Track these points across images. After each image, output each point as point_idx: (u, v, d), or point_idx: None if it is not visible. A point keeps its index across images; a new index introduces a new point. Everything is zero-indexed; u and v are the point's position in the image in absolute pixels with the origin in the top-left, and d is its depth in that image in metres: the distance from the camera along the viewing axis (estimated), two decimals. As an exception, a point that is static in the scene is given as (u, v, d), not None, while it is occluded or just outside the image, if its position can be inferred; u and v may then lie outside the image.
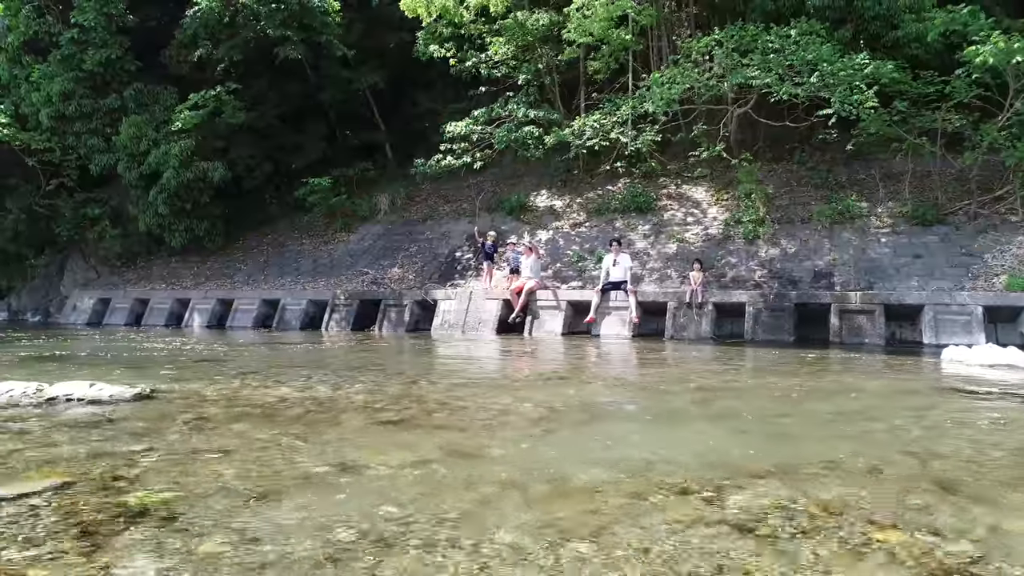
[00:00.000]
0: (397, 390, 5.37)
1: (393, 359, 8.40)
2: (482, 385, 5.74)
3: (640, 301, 11.89)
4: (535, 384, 5.95)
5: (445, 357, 8.96)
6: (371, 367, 7.22)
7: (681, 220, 14.82)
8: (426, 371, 6.86)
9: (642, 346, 10.28)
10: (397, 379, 6.11)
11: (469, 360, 8.53)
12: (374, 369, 7.01)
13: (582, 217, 15.85)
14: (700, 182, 15.97)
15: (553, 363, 8.09)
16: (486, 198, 17.73)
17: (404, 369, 7.01)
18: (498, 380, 6.17)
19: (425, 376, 6.39)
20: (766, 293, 11.33)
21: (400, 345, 10.54)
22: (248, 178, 18.84)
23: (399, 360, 8.33)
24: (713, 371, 6.96)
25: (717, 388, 5.66)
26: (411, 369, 7.00)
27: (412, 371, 6.79)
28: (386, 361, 8.08)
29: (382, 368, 7.12)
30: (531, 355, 9.30)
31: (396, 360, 8.30)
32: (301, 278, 16.40)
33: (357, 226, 18.13)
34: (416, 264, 15.73)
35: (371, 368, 7.12)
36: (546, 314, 12.46)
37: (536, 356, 9.12)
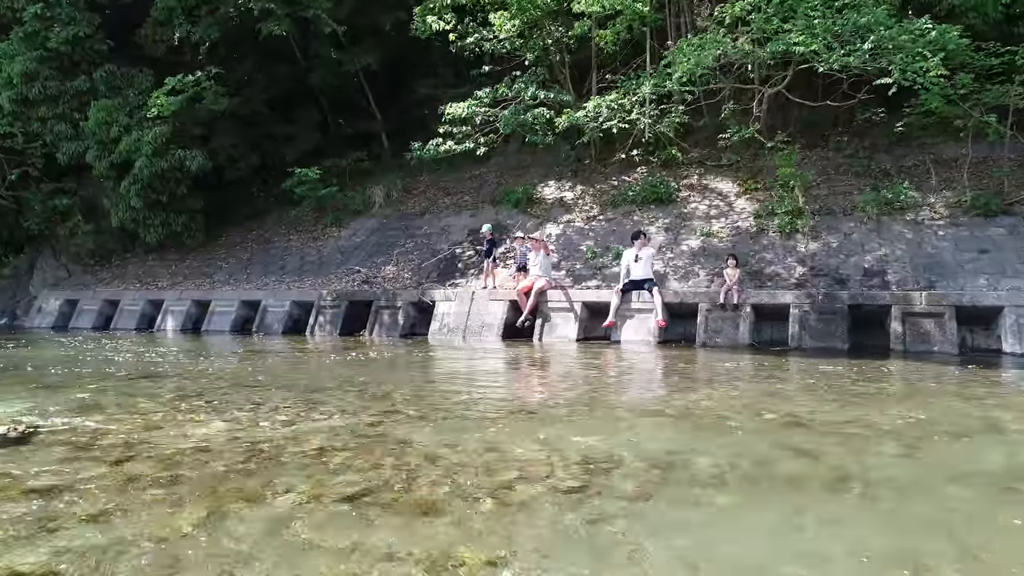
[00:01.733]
0: (371, 429, 3.89)
1: (378, 374, 6.92)
2: (488, 419, 4.27)
3: (666, 302, 10.41)
4: (559, 417, 4.48)
5: (441, 371, 7.48)
6: (348, 386, 5.75)
7: (705, 213, 13.33)
8: (416, 394, 5.39)
9: (673, 355, 8.80)
10: (376, 407, 4.64)
11: (470, 376, 7.04)
12: (351, 389, 5.53)
13: (595, 210, 14.37)
14: (726, 171, 14.48)
15: (575, 381, 6.60)
16: (489, 190, 16.26)
17: (388, 390, 5.54)
18: (509, 409, 4.71)
19: (414, 402, 4.92)
20: (813, 293, 9.83)
21: (390, 353, 9.06)
22: (232, 169, 17.38)
23: (384, 375, 6.85)
24: (781, 394, 5.47)
25: (808, 424, 4.17)
26: (398, 390, 5.54)
27: (398, 394, 5.32)
28: (369, 376, 6.61)
29: (361, 388, 5.65)
30: (545, 368, 7.82)
31: (381, 375, 6.82)
32: (286, 277, 14.94)
33: (349, 221, 16.66)
34: (412, 262, 14.26)
35: (347, 387, 5.64)
36: (558, 317, 10.98)
37: (552, 370, 7.63)
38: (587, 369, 7.59)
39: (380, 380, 6.32)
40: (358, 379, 6.24)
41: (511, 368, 7.91)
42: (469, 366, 8.02)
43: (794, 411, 4.53)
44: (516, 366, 8.12)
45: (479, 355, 9.21)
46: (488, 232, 12.45)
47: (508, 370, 7.71)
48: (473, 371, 7.45)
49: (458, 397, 5.31)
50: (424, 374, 7.06)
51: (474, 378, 6.75)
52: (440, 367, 7.89)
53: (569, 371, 7.42)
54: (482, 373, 7.21)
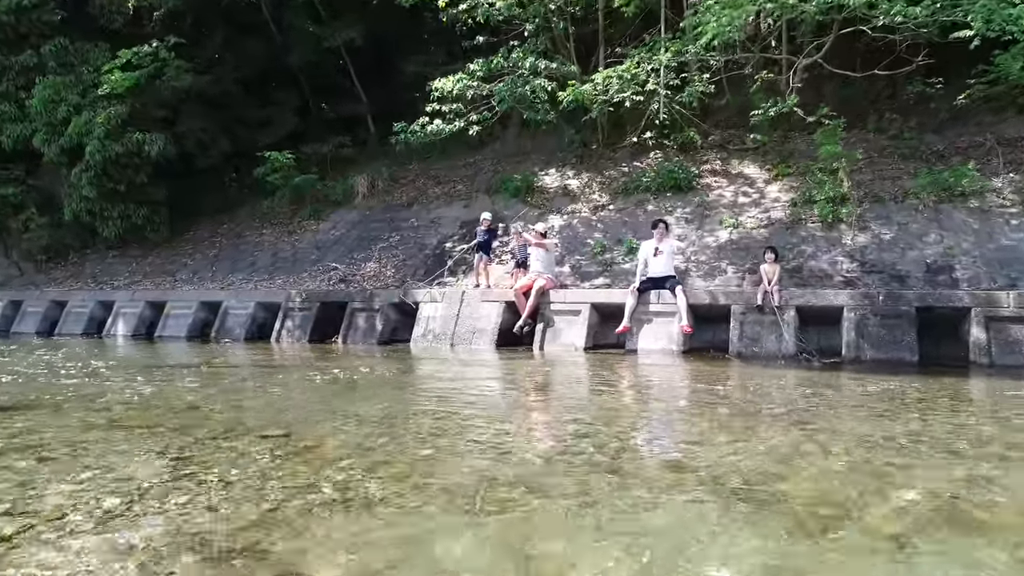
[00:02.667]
0: (280, 527, 2.21)
1: (329, 400, 5.23)
2: (478, 487, 2.61)
3: (691, 304, 8.72)
4: (582, 488, 2.80)
5: (416, 397, 5.77)
6: (276, 424, 4.08)
7: (731, 201, 11.65)
8: (374, 435, 3.73)
9: (705, 371, 7.11)
10: (302, 472, 2.96)
11: (453, 404, 5.34)
12: (274, 432, 3.85)
13: (604, 199, 12.69)
14: (752, 155, 12.80)
15: (591, 413, 4.90)
16: (485, 178, 14.59)
17: (333, 428, 3.88)
18: (504, 470, 3.05)
19: (367, 453, 3.25)
20: (872, 293, 8.14)
21: (360, 367, 7.38)
22: (201, 156, 15.72)
23: (339, 401, 5.17)
24: (888, 436, 3.77)
25: (983, 506, 2.48)
26: (345, 429, 3.89)
27: (346, 436, 3.67)
28: (314, 405, 4.93)
29: (289, 428, 3.97)
30: (550, 391, 6.13)
31: (334, 402, 5.13)
32: (255, 276, 13.27)
33: (329, 213, 14.98)
34: (397, 257, 12.58)
35: (272, 428, 3.96)
36: (563, 321, 9.30)
37: (559, 394, 5.94)
38: (602, 393, 5.90)
39: (331, 408, 4.63)
40: (299, 409, 4.56)
41: (506, 389, 6.22)
42: (454, 386, 6.33)
43: (935, 481, 2.84)
44: (512, 385, 6.43)
45: (467, 370, 7.53)
46: (487, 221, 10.75)
47: (502, 393, 6.02)
48: (458, 393, 5.76)
49: (436, 443, 3.62)
50: (392, 400, 5.36)
51: (456, 407, 5.06)
52: (416, 389, 6.19)
53: (583, 396, 5.74)
54: (469, 398, 5.52)
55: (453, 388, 6.05)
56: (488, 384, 6.41)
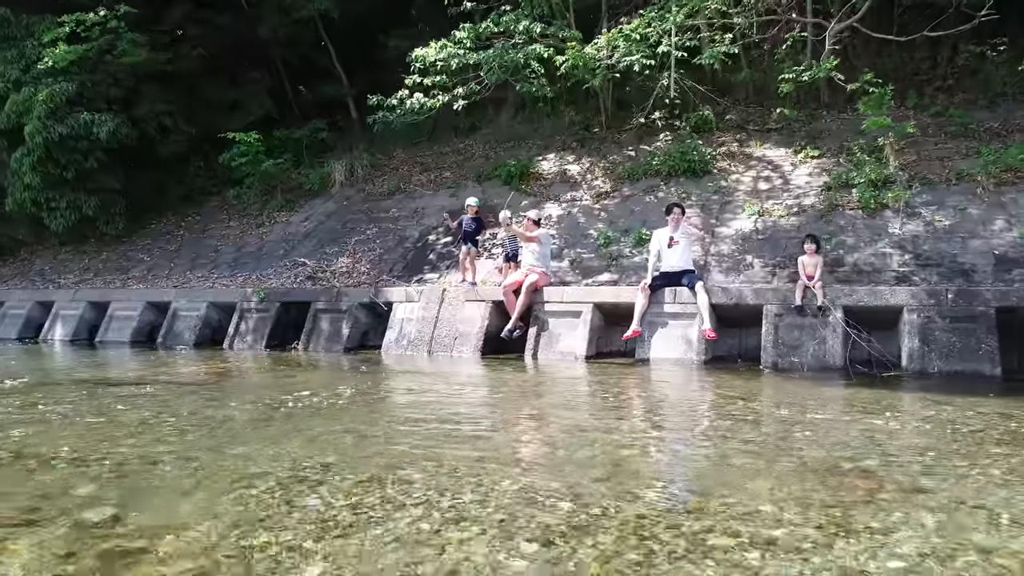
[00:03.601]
0: None
1: (230, 444, 3.75)
2: None
3: (714, 304, 7.24)
4: None
5: (364, 444, 4.27)
6: (115, 496, 2.61)
7: (753, 186, 10.17)
8: (249, 524, 2.29)
9: (738, 388, 5.63)
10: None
11: (414, 440, 3.85)
12: (97, 515, 2.38)
13: (608, 185, 11.20)
14: (775, 136, 11.33)
15: (606, 466, 3.40)
16: (476, 164, 13.12)
17: (195, 510, 2.43)
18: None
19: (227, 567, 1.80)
20: (939, 290, 6.64)
21: (311, 386, 5.91)
22: (164, 141, 14.24)
23: (245, 449, 3.68)
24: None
25: None
26: (232, 510, 2.44)
27: (208, 528, 2.21)
28: (202, 456, 3.46)
29: (129, 506, 2.51)
30: (548, 421, 4.64)
31: (233, 450, 3.64)
32: (216, 272, 11.80)
33: (304, 203, 13.52)
34: (373, 251, 11.10)
35: (101, 505, 2.49)
36: (560, 324, 7.81)
37: (560, 425, 4.44)
38: (622, 424, 4.41)
39: (235, 457, 3.16)
40: (144, 481, 3.07)
41: (490, 421, 4.74)
42: (421, 413, 4.85)
43: None
44: (495, 410, 4.95)
45: (443, 387, 6.05)
46: (474, 207, 9.27)
47: (486, 425, 4.54)
48: (424, 424, 4.27)
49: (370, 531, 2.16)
50: (331, 437, 3.88)
51: (416, 445, 3.57)
52: (364, 425, 4.70)
53: (594, 427, 4.25)
54: (439, 430, 4.03)
55: (417, 420, 4.56)
56: (463, 414, 4.92)
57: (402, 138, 15.11)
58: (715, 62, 9.47)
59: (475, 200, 9.29)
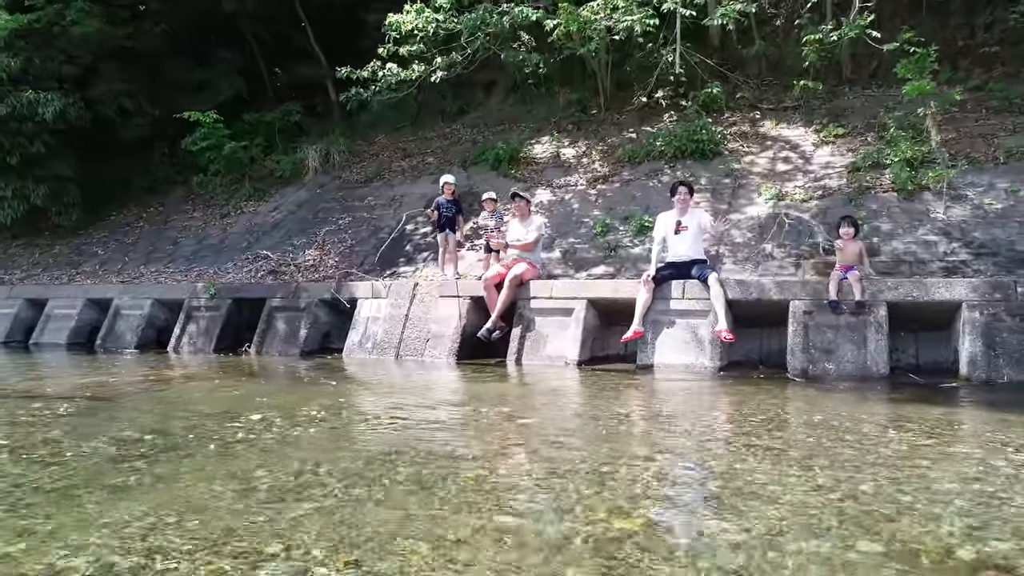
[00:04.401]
0: None
1: (73, 494, 2.61)
2: None
3: (731, 300, 6.08)
4: None
5: (258, 486, 3.08)
6: None
7: (769, 169, 9.02)
8: None
9: (767, 405, 4.46)
10: None
11: (330, 500, 2.70)
12: None
13: (606, 168, 10.05)
14: (791, 114, 10.19)
15: (587, 560, 2.24)
16: (462, 149, 11.97)
17: None
18: None
19: None
20: (1005, 283, 5.47)
21: (241, 400, 4.77)
22: (125, 125, 13.12)
23: (83, 510, 2.52)
24: None
25: None
26: None
27: None
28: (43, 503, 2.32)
29: None
30: (519, 467, 3.47)
31: (70, 513, 2.49)
32: (172, 266, 10.66)
33: (275, 192, 12.37)
34: (344, 243, 9.95)
35: None
36: (548, 324, 6.66)
37: (536, 477, 3.28)
38: (604, 482, 3.24)
39: None
40: None
41: (432, 472, 3.58)
42: (368, 451, 3.70)
43: None
44: (452, 463, 3.80)
45: (404, 403, 4.89)
46: (450, 187, 8.11)
47: (423, 488, 3.38)
48: (328, 488, 3.12)
49: None
50: (191, 513, 2.72)
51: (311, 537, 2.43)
52: (282, 465, 3.54)
53: (565, 493, 3.09)
54: (343, 507, 2.88)
55: (378, 441, 3.41)
56: (409, 453, 3.77)
57: (384, 123, 13.98)
58: (728, 22, 8.28)
59: (451, 178, 8.13)
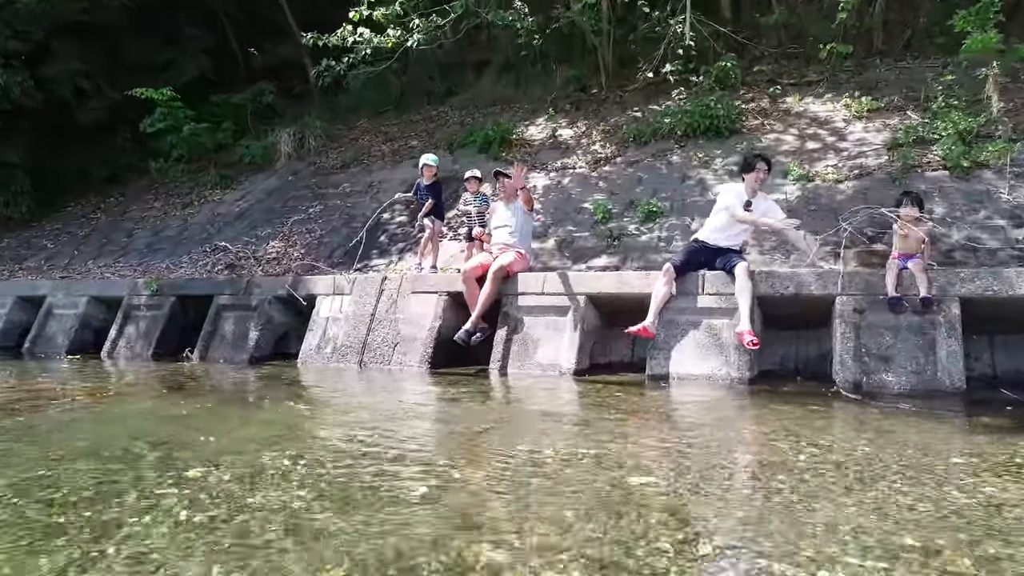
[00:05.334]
0: None
1: None
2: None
3: (760, 295, 4.95)
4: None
5: None
6: None
7: (795, 147, 7.90)
8: None
9: (827, 438, 3.32)
10: None
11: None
12: None
13: (608, 150, 8.94)
14: (816, 89, 9.07)
15: None
16: (450, 132, 10.85)
17: None
18: None
19: None
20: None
21: (143, 425, 3.66)
22: (82, 108, 12.03)
23: None
24: None
25: None
26: None
27: None
28: None
29: None
30: (493, 559, 2.33)
31: None
32: (124, 260, 9.55)
33: (244, 179, 11.26)
34: (313, 233, 8.84)
35: None
36: (539, 325, 5.53)
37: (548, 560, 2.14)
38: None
39: None
40: None
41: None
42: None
43: None
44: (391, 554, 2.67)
45: (354, 435, 3.77)
46: (431, 168, 6.97)
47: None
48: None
49: None
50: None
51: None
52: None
53: None
54: None
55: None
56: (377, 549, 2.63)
57: (366, 106, 12.89)
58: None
59: (432, 158, 6.98)
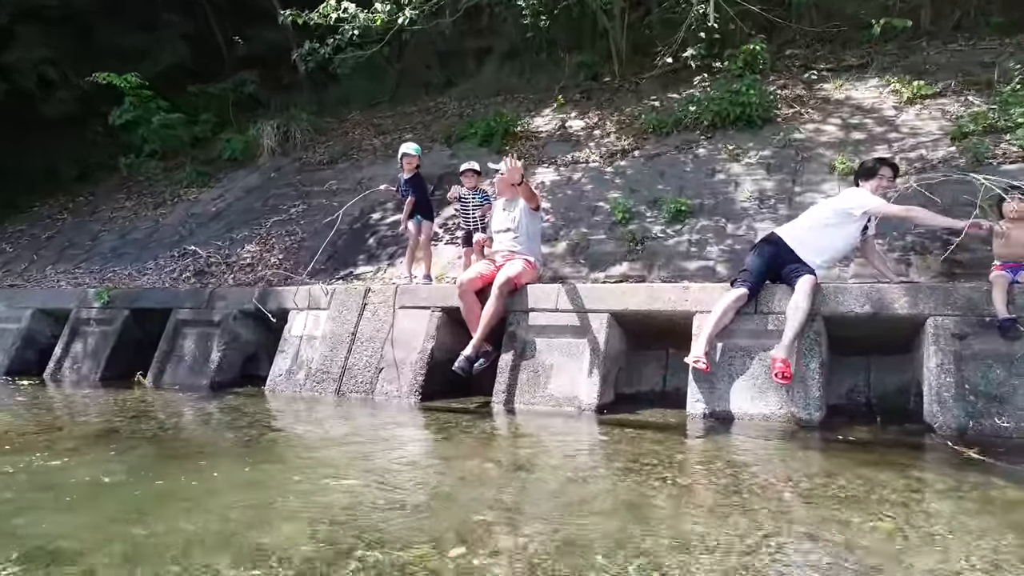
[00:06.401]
0: None
1: None
2: None
3: (828, 315, 3.98)
4: None
5: None
6: None
7: (839, 139, 6.93)
8: None
9: (983, 539, 2.35)
10: None
11: None
12: None
13: (625, 142, 7.97)
14: (856, 74, 8.11)
15: None
16: (448, 124, 9.90)
17: None
18: None
19: None
20: None
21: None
22: (49, 100, 11.09)
23: None
24: None
25: None
26: None
27: None
28: None
29: None
30: None
31: None
32: (85, 265, 8.59)
33: (223, 176, 10.30)
34: (293, 236, 7.88)
35: None
36: (553, 348, 4.56)
37: None
38: None
39: None
40: None
41: None
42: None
43: None
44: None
45: (315, 533, 2.79)
46: (411, 159, 5.98)
47: None
48: None
49: None
50: None
51: None
52: None
53: None
54: None
55: None
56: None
57: (358, 97, 11.96)
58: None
59: (413, 147, 5.98)
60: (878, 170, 4.46)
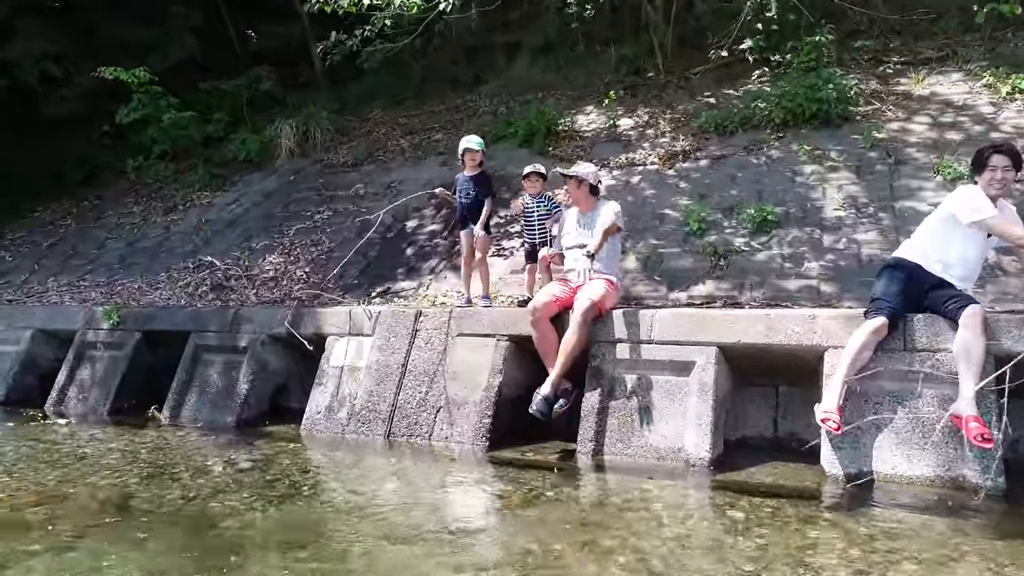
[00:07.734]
0: None
1: None
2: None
3: (1009, 350, 3.24)
4: None
5: None
6: None
7: (932, 138, 6.21)
8: None
9: None
10: None
11: None
12: None
13: (684, 142, 7.25)
14: (939, 67, 7.37)
15: None
16: (481, 123, 9.17)
17: None
18: None
19: None
20: None
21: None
22: (52, 98, 10.40)
23: None
24: None
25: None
26: None
27: None
28: None
29: None
30: None
31: None
32: (90, 277, 7.88)
33: (238, 179, 9.59)
34: (320, 246, 7.16)
35: None
36: (648, 387, 3.83)
37: None
38: None
39: None
40: None
41: None
42: None
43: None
44: None
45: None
46: (474, 155, 5.17)
47: None
48: None
49: None
50: None
51: None
52: None
53: None
54: None
55: None
56: None
57: (382, 95, 11.24)
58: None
59: (476, 141, 5.19)
60: (989, 160, 3.51)
